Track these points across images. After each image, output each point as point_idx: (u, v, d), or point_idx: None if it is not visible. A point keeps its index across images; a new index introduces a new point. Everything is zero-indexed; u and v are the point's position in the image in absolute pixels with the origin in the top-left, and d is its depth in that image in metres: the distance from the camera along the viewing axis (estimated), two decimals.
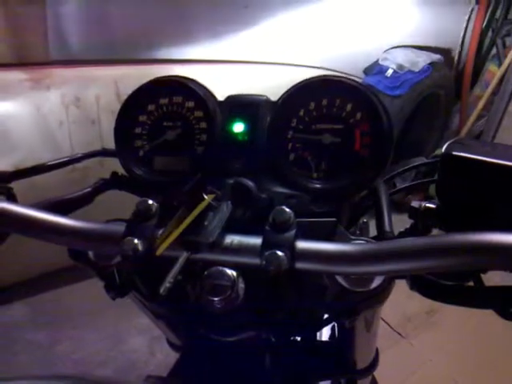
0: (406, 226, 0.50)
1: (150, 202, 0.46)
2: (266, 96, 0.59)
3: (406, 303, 1.97)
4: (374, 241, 0.47)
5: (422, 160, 0.63)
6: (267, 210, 0.44)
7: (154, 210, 0.46)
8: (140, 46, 2.13)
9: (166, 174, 0.59)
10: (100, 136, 1.95)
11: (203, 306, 0.44)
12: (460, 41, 3.21)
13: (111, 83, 1.94)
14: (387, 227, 0.48)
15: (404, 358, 1.88)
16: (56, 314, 2.01)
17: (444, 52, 3.00)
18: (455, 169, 0.42)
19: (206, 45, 2.27)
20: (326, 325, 0.55)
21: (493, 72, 3.25)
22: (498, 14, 3.24)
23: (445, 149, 0.42)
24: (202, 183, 0.45)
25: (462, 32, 3.20)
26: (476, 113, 3.21)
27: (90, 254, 0.53)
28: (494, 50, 3.31)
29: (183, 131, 0.60)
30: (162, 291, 0.38)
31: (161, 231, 0.43)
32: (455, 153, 0.41)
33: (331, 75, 0.56)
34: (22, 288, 2.07)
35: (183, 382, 0.60)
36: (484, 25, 3.21)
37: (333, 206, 0.53)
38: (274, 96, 0.59)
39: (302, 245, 0.41)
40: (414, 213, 0.46)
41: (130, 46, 2.09)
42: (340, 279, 0.45)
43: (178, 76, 0.61)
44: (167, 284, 0.38)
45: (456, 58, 3.23)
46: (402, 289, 0.48)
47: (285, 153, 0.56)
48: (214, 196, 0.45)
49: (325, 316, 0.53)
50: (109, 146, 0.69)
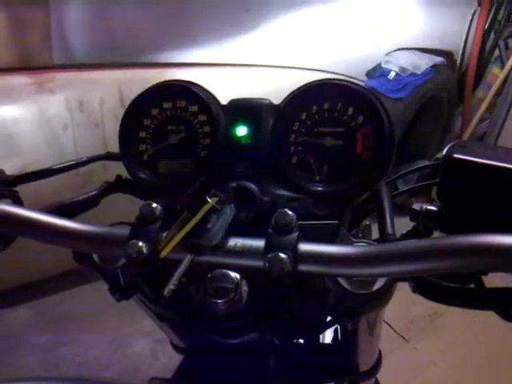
0: (409, 228, 0.51)
1: (154, 205, 0.46)
2: (268, 100, 0.60)
3: (409, 306, 1.97)
4: (376, 243, 0.47)
5: (424, 163, 0.63)
6: (270, 213, 0.44)
7: (157, 213, 0.46)
8: (143, 50, 2.14)
9: (169, 177, 0.60)
10: (104, 139, 1.96)
11: (207, 309, 0.45)
12: (462, 43, 3.21)
13: (115, 87, 1.95)
14: (389, 229, 0.48)
15: (407, 361, 1.88)
16: (60, 317, 2.02)
17: (446, 54, 3.00)
18: (456, 171, 0.42)
19: (209, 48, 2.27)
20: (328, 327, 0.55)
21: (495, 74, 3.24)
22: (500, 16, 3.24)
23: (446, 151, 0.42)
24: (206, 186, 0.46)
25: (465, 34, 3.19)
26: (478, 115, 3.20)
27: (95, 257, 0.54)
28: (496, 52, 3.31)
29: (187, 135, 0.61)
30: (165, 293, 0.38)
31: (165, 234, 0.43)
32: (456, 155, 0.42)
33: (333, 79, 0.56)
34: (27, 291, 2.08)
35: (187, 383, 0.61)
36: (486, 27, 3.20)
37: (335, 208, 0.54)
38: (277, 99, 0.59)
39: (305, 247, 0.41)
40: (415, 215, 0.46)
41: (133, 50, 2.10)
42: (342, 281, 0.45)
43: (181, 80, 0.62)
44: (171, 286, 0.39)
45: (458, 61, 3.23)
46: (406, 292, 0.48)
47: (287, 156, 0.56)
48: (218, 199, 0.46)
49: (327, 318, 0.53)
50: (112, 149, 0.70)
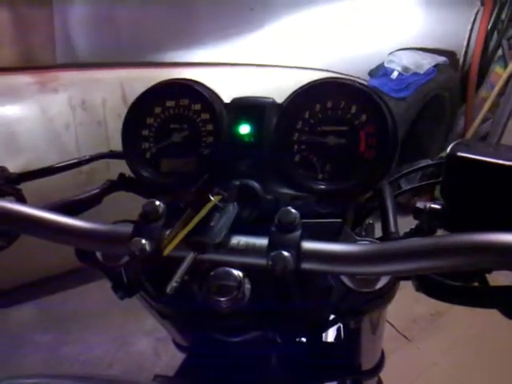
0: (412, 227, 0.51)
1: (157, 203, 0.46)
2: (272, 98, 0.60)
3: (411, 306, 1.96)
4: (379, 241, 0.47)
5: (427, 162, 0.63)
6: (273, 211, 0.44)
7: (160, 211, 0.46)
8: (146, 49, 2.14)
9: (172, 175, 0.60)
10: (106, 138, 1.96)
11: (209, 307, 0.45)
12: (465, 42, 3.20)
13: (117, 86, 1.95)
14: (392, 228, 0.48)
15: (410, 360, 1.87)
16: (63, 316, 2.02)
17: (449, 54, 2.99)
18: (460, 169, 0.42)
19: (212, 47, 2.27)
20: (331, 326, 0.55)
21: (498, 74, 3.23)
22: (503, 16, 3.23)
23: (449, 150, 0.42)
24: (209, 184, 0.46)
25: (468, 34, 3.18)
26: (481, 115, 3.19)
27: (98, 255, 0.54)
28: (499, 52, 3.30)
29: (190, 133, 0.61)
30: (168, 290, 0.38)
31: (168, 232, 0.44)
32: (460, 154, 0.42)
33: (336, 77, 0.56)
34: (30, 289, 2.08)
35: (190, 381, 0.61)
36: (489, 26, 3.19)
37: (338, 207, 0.54)
38: (280, 98, 0.59)
39: (308, 245, 0.41)
40: (419, 213, 0.46)
41: (135, 50, 2.10)
42: (345, 279, 0.45)
43: (184, 79, 0.62)
44: (174, 284, 0.39)
45: (461, 60, 3.22)
46: (408, 291, 0.48)
47: (290, 154, 0.56)
48: (221, 197, 0.46)
49: (330, 317, 0.53)
50: (115, 147, 0.70)
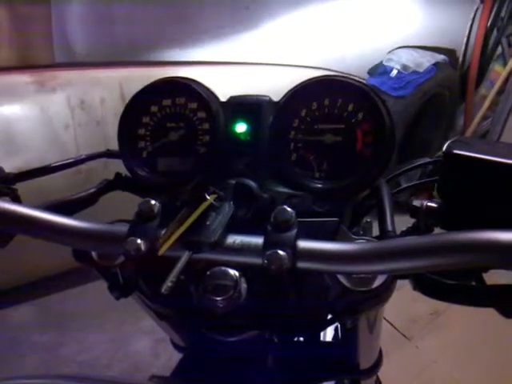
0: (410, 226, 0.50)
1: (153, 202, 0.46)
2: (268, 96, 0.59)
3: (410, 305, 1.96)
4: (376, 240, 0.47)
5: (425, 160, 0.62)
6: (269, 210, 0.44)
7: (156, 210, 0.46)
8: (144, 48, 2.14)
9: (168, 174, 0.59)
10: (105, 138, 1.96)
11: (206, 306, 0.45)
12: (465, 40, 3.19)
13: (116, 85, 1.95)
14: (389, 226, 0.48)
15: (409, 359, 1.88)
16: (61, 316, 2.02)
17: (448, 52, 2.99)
18: (456, 167, 0.42)
19: (209, 46, 2.27)
20: (328, 325, 0.55)
21: (498, 72, 3.23)
22: (503, 13, 3.23)
23: (446, 147, 0.42)
24: (205, 183, 0.46)
25: (467, 31, 3.18)
26: (481, 113, 3.19)
27: (94, 255, 0.54)
28: (499, 50, 3.30)
29: (186, 132, 0.60)
30: (163, 290, 0.38)
31: (163, 231, 0.43)
32: (456, 151, 0.41)
33: (333, 75, 0.56)
34: (28, 290, 2.08)
35: (187, 381, 0.61)
36: (489, 24, 3.19)
37: (335, 205, 0.53)
38: (277, 97, 0.59)
39: (304, 244, 0.41)
40: (415, 212, 0.46)
41: (134, 49, 2.10)
42: (342, 278, 0.45)
43: (180, 77, 0.62)
44: (169, 283, 0.39)
45: (461, 58, 3.21)
46: (407, 290, 0.48)
47: (287, 153, 0.56)
48: (216, 196, 0.45)
49: (327, 316, 0.53)
50: (114, 147, 0.70)
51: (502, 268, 0.35)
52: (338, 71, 2.27)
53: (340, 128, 0.55)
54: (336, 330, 0.77)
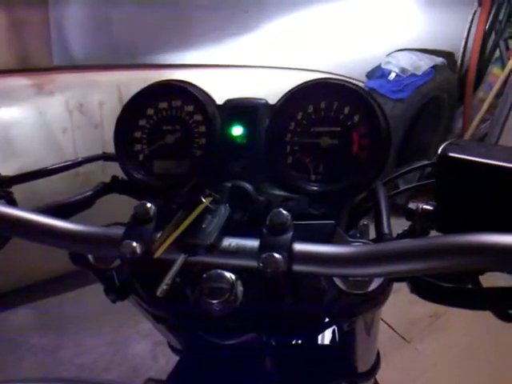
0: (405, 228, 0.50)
1: (148, 205, 0.46)
2: (264, 99, 0.59)
3: (409, 307, 1.96)
4: (372, 243, 0.47)
5: (422, 163, 0.62)
6: (265, 213, 0.44)
7: (152, 213, 0.46)
8: (142, 52, 2.14)
9: (165, 177, 0.59)
10: (103, 141, 1.96)
11: (202, 309, 0.45)
12: (463, 43, 3.20)
13: (114, 88, 1.95)
14: (385, 229, 0.48)
15: (408, 362, 1.87)
16: (59, 319, 2.01)
17: (447, 55, 2.99)
18: (451, 170, 0.42)
19: (208, 49, 2.28)
20: (325, 328, 0.55)
21: (496, 75, 3.24)
22: (501, 16, 3.23)
23: (441, 150, 0.42)
24: (200, 186, 0.46)
25: (465, 34, 3.18)
26: (480, 116, 3.20)
27: (90, 258, 0.54)
28: (497, 53, 3.31)
29: (182, 135, 0.60)
30: (158, 293, 0.38)
31: (159, 234, 0.43)
32: (451, 154, 0.41)
33: (329, 78, 0.56)
34: (26, 293, 2.08)
35: None
36: (487, 27, 3.20)
37: (331, 208, 0.53)
38: (275, 100, 0.59)
39: (300, 247, 0.41)
40: (411, 215, 0.46)
41: (132, 51, 2.10)
42: (338, 281, 0.45)
43: (176, 80, 0.62)
44: (164, 286, 0.38)
45: (459, 61, 3.22)
46: (406, 293, 0.47)
47: (283, 156, 0.56)
48: (212, 199, 0.45)
49: (323, 319, 0.53)
50: (112, 150, 0.70)
51: (498, 270, 0.35)
52: (336, 74, 2.28)
53: (336, 131, 0.55)
54: (333, 333, 0.77)
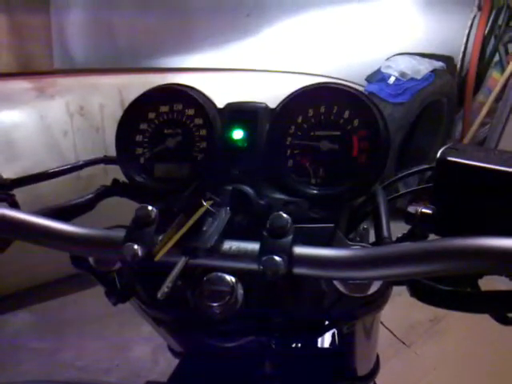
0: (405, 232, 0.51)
1: (150, 208, 0.46)
2: (265, 103, 0.60)
3: (409, 311, 1.96)
4: (371, 246, 0.47)
5: (422, 167, 0.63)
6: (266, 216, 0.44)
7: (153, 216, 0.46)
8: (144, 55, 2.15)
9: (166, 181, 0.60)
10: (104, 144, 1.96)
11: (202, 312, 0.45)
12: (462, 48, 3.21)
13: (115, 91, 1.96)
14: (385, 232, 0.48)
15: (408, 366, 1.87)
16: (60, 322, 2.01)
17: (447, 59, 3.00)
18: (449, 174, 0.42)
19: (210, 53, 2.28)
20: (325, 331, 0.55)
21: (496, 79, 3.25)
22: (500, 21, 3.25)
23: (439, 154, 0.42)
24: (201, 189, 0.46)
25: (465, 39, 3.20)
26: (479, 120, 3.21)
27: (91, 261, 0.54)
28: (496, 57, 3.32)
29: (183, 138, 0.61)
30: (159, 296, 0.38)
31: (160, 237, 0.44)
32: (450, 158, 0.42)
33: (329, 82, 0.56)
34: (26, 296, 2.08)
35: None
36: (486, 31, 3.21)
37: (331, 211, 0.54)
38: (275, 103, 0.59)
39: (300, 250, 0.41)
40: (410, 218, 0.46)
41: (133, 55, 2.11)
42: (337, 284, 0.45)
43: (177, 84, 0.62)
44: (165, 289, 0.39)
45: (459, 65, 3.23)
46: (406, 297, 0.48)
47: (283, 159, 0.56)
48: (213, 202, 0.46)
49: (323, 322, 0.53)
50: (113, 153, 0.70)
51: (497, 274, 0.35)
52: (336, 78, 2.28)
53: (336, 135, 0.55)
54: (333, 336, 0.77)
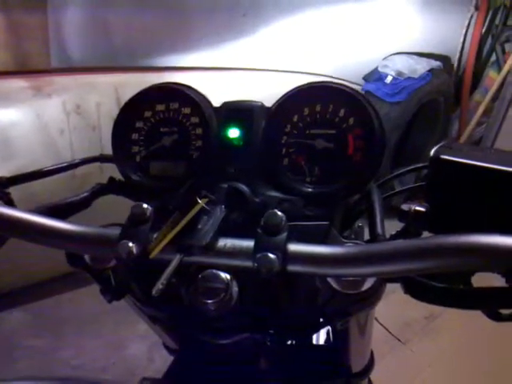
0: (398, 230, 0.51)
1: (145, 205, 0.46)
2: (260, 102, 0.60)
3: (405, 309, 1.97)
4: (365, 243, 0.48)
5: (416, 165, 0.63)
6: (261, 214, 0.44)
7: (148, 213, 0.46)
8: (140, 54, 2.15)
9: (161, 179, 0.60)
10: (101, 143, 1.96)
11: (197, 309, 0.45)
12: (459, 47, 3.22)
13: (112, 90, 1.96)
14: (379, 230, 0.49)
15: (404, 363, 1.88)
16: (56, 320, 2.01)
17: (443, 58, 3.01)
18: (443, 172, 0.43)
19: (207, 52, 2.28)
20: (320, 328, 0.56)
21: (492, 78, 3.26)
22: (497, 21, 3.26)
23: (433, 153, 0.43)
24: (197, 187, 0.46)
25: (462, 38, 3.21)
26: (476, 119, 3.22)
27: (87, 258, 0.54)
28: (493, 56, 3.33)
29: (179, 137, 0.61)
30: (154, 293, 0.39)
31: (155, 235, 0.44)
32: (443, 156, 0.42)
33: (324, 81, 0.56)
34: (23, 294, 2.07)
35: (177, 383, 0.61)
36: (483, 31, 3.22)
37: (326, 209, 0.54)
38: (271, 102, 0.60)
39: (294, 247, 0.42)
40: (403, 216, 0.46)
41: (130, 54, 2.11)
42: (331, 281, 0.45)
43: (174, 83, 0.62)
44: (160, 286, 0.39)
45: (455, 65, 3.24)
46: (401, 294, 0.48)
47: (279, 158, 0.57)
48: (208, 200, 0.46)
49: (318, 319, 0.54)
50: (110, 152, 0.70)
51: (489, 271, 0.35)
52: (334, 77, 2.29)
53: (331, 133, 0.55)
54: (328, 333, 0.77)
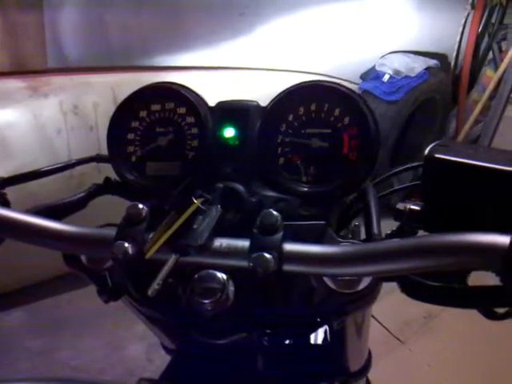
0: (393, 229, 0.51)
1: (141, 206, 0.47)
2: (256, 101, 0.60)
3: (403, 308, 1.97)
4: (361, 243, 0.48)
5: (411, 164, 0.63)
6: (256, 214, 0.44)
7: (144, 214, 0.46)
8: (137, 54, 2.15)
9: (157, 179, 0.60)
10: (98, 143, 1.96)
11: (194, 309, 0.45)
12: (456, 46, 3.22)
13: (109, 90, 1.96)
14: (375, 229, 0.49)
15: (402, 362, 1.88)
16: (55, 321, 2.01)
17: (440, 57, 3.02)
18: (437, 171, 0.43)
19: (203, 52, 2.28)
20: (316, 327, 0.56)
21: (489, 76, 3.27)
22: (493, 19, 3.26)
23: (427, 151, 0.43)
24: (192, 187, 0.46)
25: (459, 37, 3.21)
26: (473, 117, 3.22)
27: (83, 259, 0.54)
28: (490, 55, 3.33)
29: (175, 137, 0.61)
30: (150, 293, 0.39)
31: (151, 235, 0.44)
32: (437, 155, 0.42)
33: (319, 80, 0.56)
34: (21, 294, 2.07)
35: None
36: (480, 30, 3.23)
37: (322, 209, 0.54)
38: (267, 102, 0.59)
39: (290, 247, 0.42)
40: (399, 215, 0.46)
41: (127, 54, 2.11)
42: (327, 281, 0.45)
43: (169, 82, 0.62)
44: (155, 286, 0.39)
45: (452, 63, 3.24)
46: (400, 294, 0.48)
47: (274, 157, 0.57)
48: (204, 200, 0.46)
49: (315, 318, 0.54)
50: (107, 152, 0.70)
51: (482, 269, 0.36)
52: (331, 76, 2.29)
53: (327, 132, 0.55)
54: (325, 332, 0.77)
